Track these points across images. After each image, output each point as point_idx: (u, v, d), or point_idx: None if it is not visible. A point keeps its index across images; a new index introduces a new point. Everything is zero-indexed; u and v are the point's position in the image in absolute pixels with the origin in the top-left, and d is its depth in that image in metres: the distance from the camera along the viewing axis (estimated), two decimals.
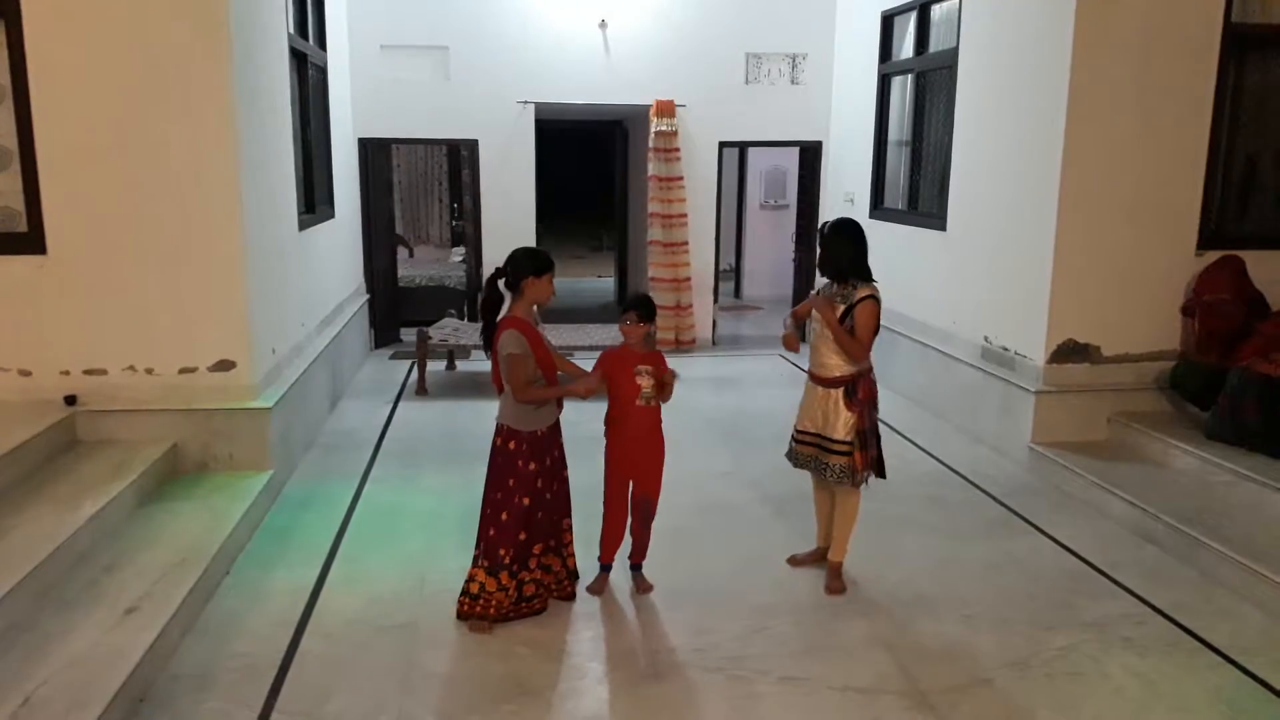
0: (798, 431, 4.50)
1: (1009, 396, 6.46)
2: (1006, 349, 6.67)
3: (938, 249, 7.61)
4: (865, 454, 4.31)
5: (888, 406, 7.50)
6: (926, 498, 5.73)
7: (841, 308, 4.23)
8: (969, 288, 7.19)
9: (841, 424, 4.28)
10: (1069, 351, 6.25)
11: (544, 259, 3.98)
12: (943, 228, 7.53)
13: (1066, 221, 6.07)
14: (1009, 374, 6.54)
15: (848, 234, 4.27)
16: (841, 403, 4.28)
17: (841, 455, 4.30)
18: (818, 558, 4.70)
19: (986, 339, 6.91)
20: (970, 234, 7.18)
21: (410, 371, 8.73)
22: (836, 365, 4.29)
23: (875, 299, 4.23)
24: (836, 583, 4.52)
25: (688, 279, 9.90)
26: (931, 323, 7.68)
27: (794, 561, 4.73)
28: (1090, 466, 5.75)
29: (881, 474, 4.47)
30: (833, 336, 4.23)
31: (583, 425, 4.84)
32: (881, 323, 4.29)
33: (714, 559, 4.86)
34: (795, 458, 4.53)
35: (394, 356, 9.49)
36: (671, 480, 5.91)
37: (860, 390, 4.28)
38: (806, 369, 4.49)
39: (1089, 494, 5.61)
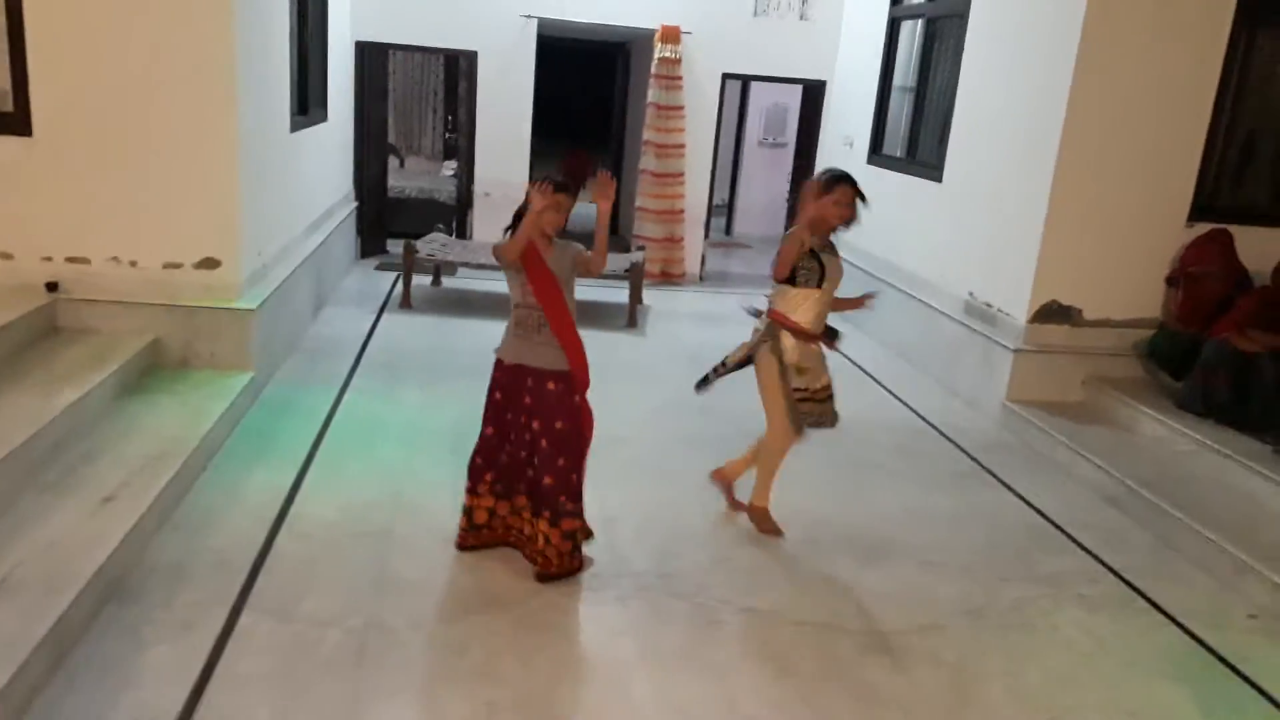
0: (809, 390, 4.30)
1: (988, 353, 6.54)
2: (990, 305, 6.72)
3: (932, 200, 7.60)
4: None
5: (871, 355, 7.60)
6: (898, 447, 5.83)
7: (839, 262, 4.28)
8: (959, 241, 7.20)
9: (828, 370, 4.37)
10: (1051, 312, 6.31)
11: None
12: (939, 179, 7.52)
13: (1062, 182, 6.08)
14: (990, 330, 6.60)
15: None
16: (823, 350, 4.34)
17: (833, 399, 4.38)
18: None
19: (970, 294, 6.96)
20: (966, 187, 7.17)
21: (395, 283, 8.70)
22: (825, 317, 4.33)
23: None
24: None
25: (681, 211, 9.85)
26: (919, 274, 7.71)
27: (775, 531, 4.54)
28: (1061, 427, 5.86)
29: None
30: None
31: None
32: (869, 271, 4.33)
33: (686, 491, 4.94)
34: (812, 419, 4.33)
35: (380, 268, 9.43)
36: (650, 412, 6.03)
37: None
38: (796, 328, 4.26)
39: (1058, 454, 5.73)
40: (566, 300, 3.86)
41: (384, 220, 10.12)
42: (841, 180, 4.18)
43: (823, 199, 4.15)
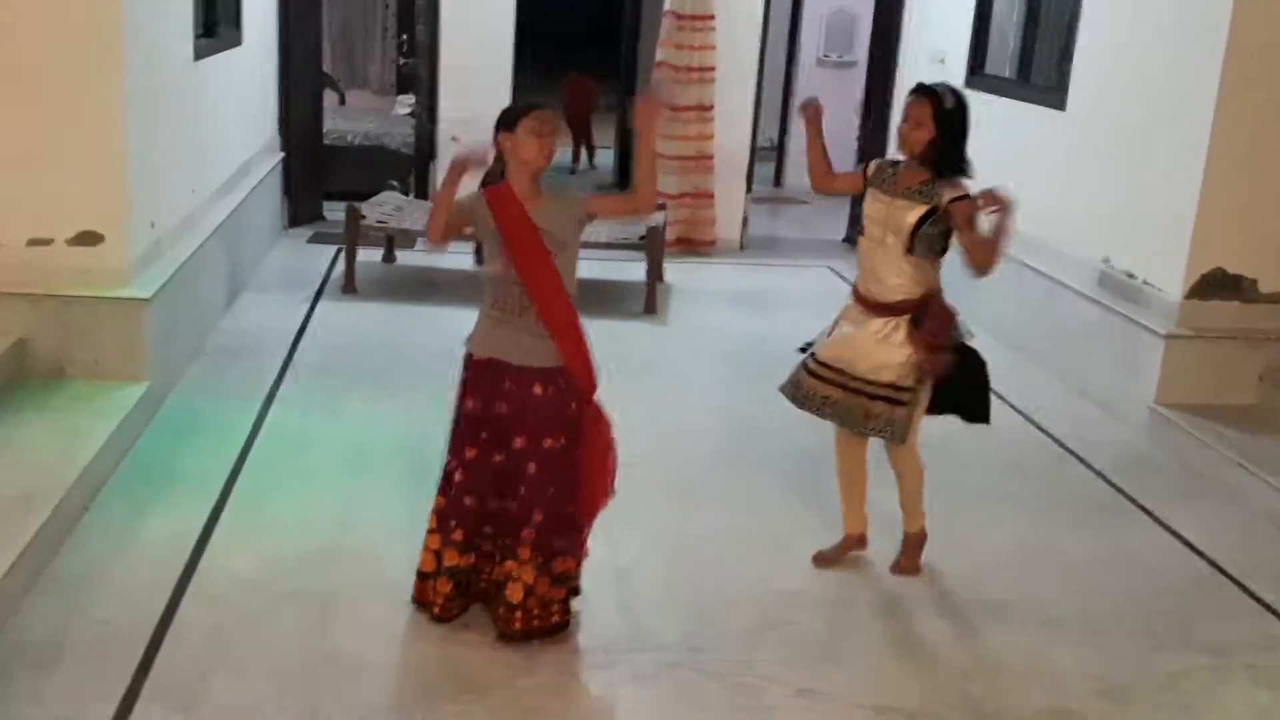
0: (820, 364, 4.43)
1: (1130, 340, 6.50)
2: (1132, 276, 6.68)
3: (1052, 135, 7.56)
4: (919, 405, 4.39)
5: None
6: (1010, 467, 5.81)
7: (923, 208, 4.24)
8: (1090, 190, 7.16)
9: (899, 365, 4.30)
10: (1216, 284, 6.26)
11: (514, 109, 3.88)
12: (1061, 106, 7.49)
13: (1227, 113, 6.03)
14: (1133, 309, 6.56)
15: (967, 113, 4.29)
16: (904, 336, 4.30)
17: (900, 405, 4.33)
18: (852, 546, 4.70)
19: (1106, 261, 6.92)
20: (1098, 118, 7.13)
21: (335, 261, 8.73)
22: (902, 286, 4.31)
23: (968, 197, 4.25)
24: (911, 560, 4.64)
25: (709, 157, 9.83)
26: (1034, 234, 7.64)
27: (822, 561, 4.68)
28: (1231, 439, 5.81)
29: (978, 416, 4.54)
30: (977, 246, 4.21)
31: None
32: None
33: (723, 529, 4.94)
34: (806, 398, 4.47)
35: (314, 239, 9.47)
36: (676, 427, 6.03)
37: (932, 317, 4.31)
38: (857, 293, 4.47)
39: (1226, 474, 5.69)
40: (561, 270, 3.82)
41: (319, 176, 10.15)
42: (912, 93, 4.32)
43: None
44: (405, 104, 12.56)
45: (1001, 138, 7.86)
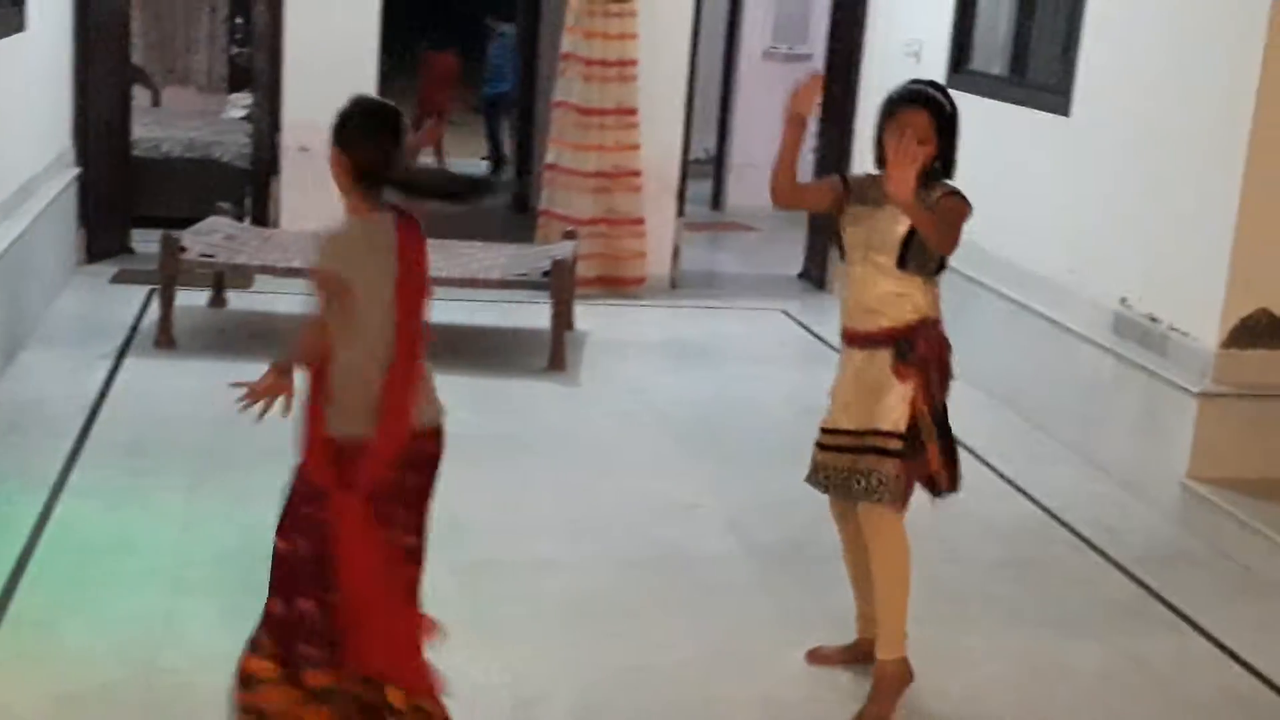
0: (825, 431, 4.55)
1: (1155, 399, 6.55)
2: (1156, 320, 6.74)
3: (1054, 145, 7.66)
4: (919, 459, 4.38)
5: (958, 404, 7.51)
6: (1011, 561, 5.84)
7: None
8: (1102, 215, 7.23)
9: (893, 402, 4.34)
10: (1259, 330, 6.33)
11: (348, 116, 3.68)
12: (1065, 110, 7.58)
13: (1270, 118, 6.12)
14: (1158, 362, 6.61)
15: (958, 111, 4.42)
16: (886, 367, 4.36)
17: (890, 455, 4.35)
18: (858, 655, 4.70)
19: (1124, 301, 6.99)
20: (1111, 125, 7.21)
21: (147, 306, 8.63)
22: (891, 305, 4.36)
23: (965, 198, 4.38)
24: (880, 707, 4.43)
25: (635, 173, 9.88)
26: (1034, 269, 7.74)
27: (817, 657, 4.75)
28: None
29: (954, 486, 4.57)
30: (908, 213, 4.22)
31: None
32: (956, 268, 4.42)
33: (661, 649, 4.89)
34: (821, 475, 4.59)
35: (119, 278, 9.38)
36: (594, 515, 5.98)
37: (921, 344, 4.36)
38: (841, 329, 4.52)
39: (1276, 567, 5.73)
40: (337, 324, 3.65)
41: (126, 198, 10.06)
42: (903, 100, 4.40)
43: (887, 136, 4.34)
44: (239, 105, 12.50)
45: (990, 149, 7.92)
